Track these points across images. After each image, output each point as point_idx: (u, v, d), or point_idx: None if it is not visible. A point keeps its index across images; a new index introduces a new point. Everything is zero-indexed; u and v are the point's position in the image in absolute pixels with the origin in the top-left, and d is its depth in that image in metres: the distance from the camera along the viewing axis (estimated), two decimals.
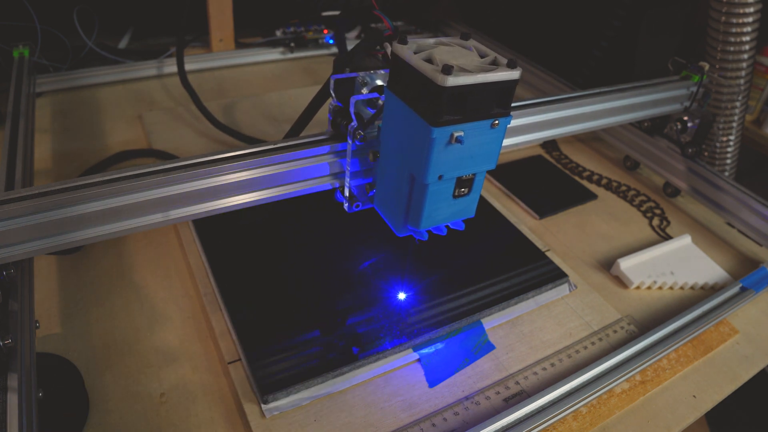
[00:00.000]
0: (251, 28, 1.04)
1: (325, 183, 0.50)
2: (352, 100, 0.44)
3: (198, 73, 0.93)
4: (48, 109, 0.81)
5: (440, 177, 0.39)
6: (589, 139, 0.89)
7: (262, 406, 0.43)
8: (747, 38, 0.77)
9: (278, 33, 1.02)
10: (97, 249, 0.58)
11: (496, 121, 0.38)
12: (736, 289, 0.59)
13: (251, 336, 0.47)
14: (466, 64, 0.36)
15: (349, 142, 0.46)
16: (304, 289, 0.53)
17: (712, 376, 0.52)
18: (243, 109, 0.84)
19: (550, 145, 0.87)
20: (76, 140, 0.74)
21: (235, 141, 0.75)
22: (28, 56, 0.77)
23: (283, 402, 0.44)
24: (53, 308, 0.51)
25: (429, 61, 0.36)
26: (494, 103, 0.38)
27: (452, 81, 0.34)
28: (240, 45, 1.01)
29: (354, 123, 0.45)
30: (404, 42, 0.38)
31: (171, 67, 0.91)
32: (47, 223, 0.40)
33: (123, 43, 0.99)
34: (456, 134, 0.37)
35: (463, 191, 0.42)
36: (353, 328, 0.50)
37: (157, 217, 0.44)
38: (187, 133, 0.77)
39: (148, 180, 0.42)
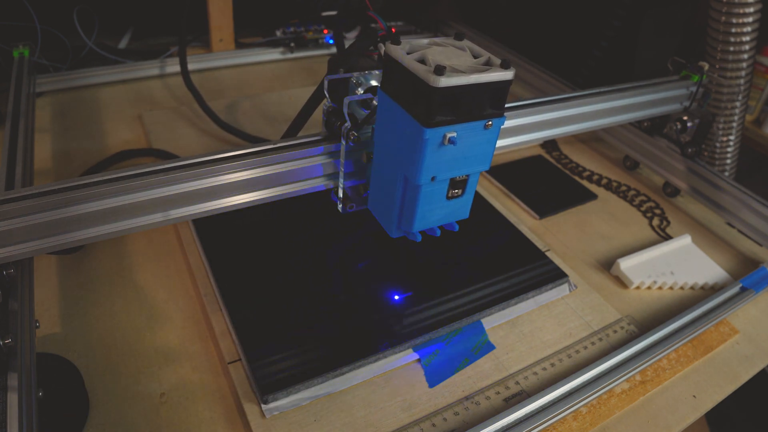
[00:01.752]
0: (251, 28, 1.04)
1: (319, 184, 0.50)
2: (346, 100, 0.44)
3: (198, 73, 0.93)
4: (48, 109, 0.81)
5: (433, 178, 0.39)
6: (589, 139, 0.89)
7: (262, 406, 0.43)
8: (747, 38, 0.77)
9: (278, 33, 1.02)
10: (97, 249, 0.58)
11: (490, 122, 0.38)
12: (736, 289, 0.59)
13: (251, 336, 0.47)
14: (459, 65, 0.36)
15: (343, 143, 0.46)
16: (304, 288, 0.53)
17: (712, 376, 0.52)
18: (243, 109, 0.84)
19: (550, 145, 0.87)
20: (76, 140, 0.74)
21: (236, 140, 0.75)
22: (28, 56, 0.77)
23: (283, 402, 0.44)
24: (53, 308, 0.51)
25: (422, 61, 0.36)
26: (488, 103, 0.37)
27: (445, 82, 0.34)
28: (240, 45, 1.01)
29: (348, 124, 0.45)
30: (397, 42, 0.38)
31: (171, 67, 0.91)
32: (47, 222, 0.40)
33: (123, 43, 0.99)
34: (449, 135, 0.36)
35: (457, 192, 0.42)
36: (353, 328, 0.50)
37: (156, 217, 0.44)
38: (188, 133, 0.77)
39: (147, 180, 0.42)
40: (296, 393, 0.44)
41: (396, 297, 0.53)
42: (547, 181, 0.78)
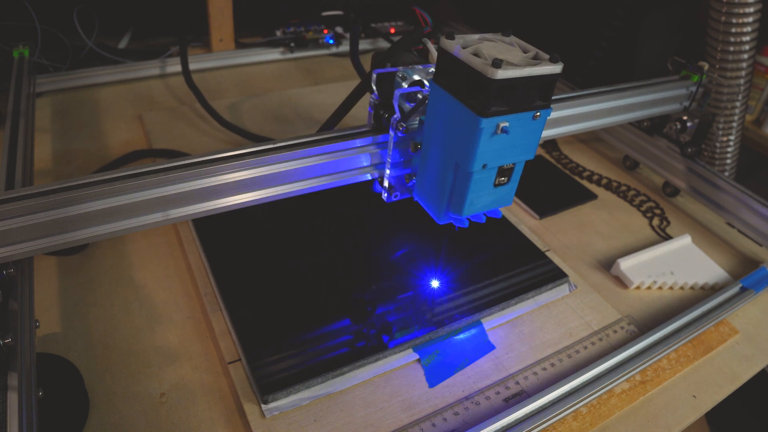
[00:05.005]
0: (251, 28, 1.04)
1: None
2: (397, 93, 0.46)
3: (198, 73, 0.93)
4: (48, 109, 0.81)
5: (484, 166, 0.41)
6: (589, 139, 0.89)
7: (262, 406, 0.43)
8: (747, 38, 0.77)
9: (278, 33, 1.02)
10: (97, 249, 0.58)
11: (538, 113, 0.40)
12: (736, 289, 0.59)
13: (251, 336, 0.47)
14: (511, 59, 0.38)
15: (392, 133, 0.48)
16: (304, 289, 0.53)
17: (712, 376, 0.52)
18: (243, 109, 0.84)
19: (550, 145, 0.87)
20: (76, 140, 0.74)
21: (236, 140, 0.75)
22: (28, 56, 0.77)
23: (283, 402, 0.44)
24: (53, 308, 0.51)
25: (476, 55, 0.38)
26: (537, 95, 0.39)
27: (501, 74, 0.36)
28: (240, 45, 1.01)
29: (397, 115, 0.46)
30: (452, 38, 0.40)
31: (171, 66, 0.91)
32: (47, 222, 0.40)
33: (123, 43, 0.99)
34: (502, 125, 0.38)
35: (503, 180, 0.44)
36: (353, 328, 0.50)
37: (156, 217, 0.44)
38: (188, 132, 0.77)
39: (147, 180, 0.42)
40: (296, 393, 0.44)
41: (396, 297, 0.53)
42: (547, 181, 0.78)
